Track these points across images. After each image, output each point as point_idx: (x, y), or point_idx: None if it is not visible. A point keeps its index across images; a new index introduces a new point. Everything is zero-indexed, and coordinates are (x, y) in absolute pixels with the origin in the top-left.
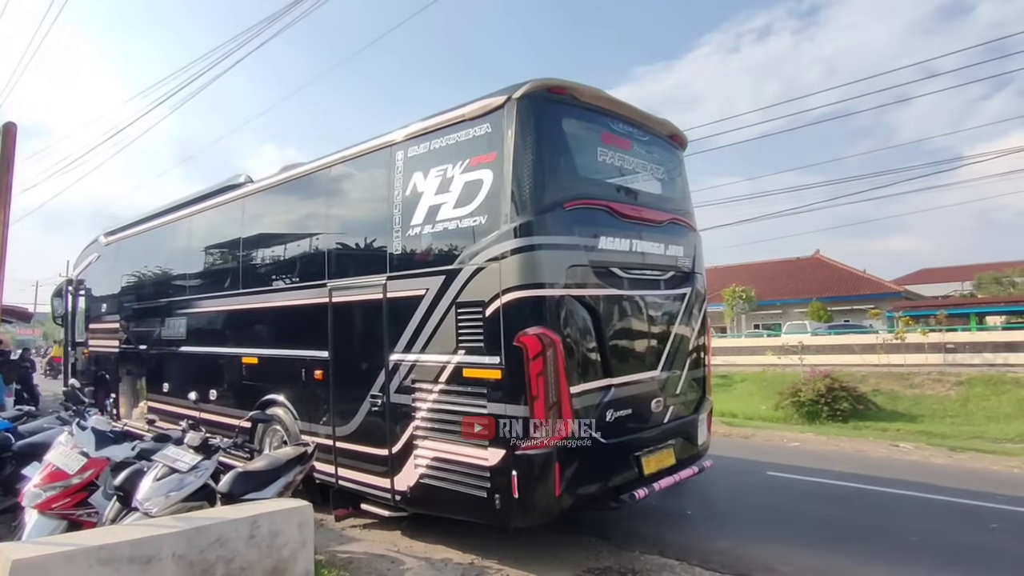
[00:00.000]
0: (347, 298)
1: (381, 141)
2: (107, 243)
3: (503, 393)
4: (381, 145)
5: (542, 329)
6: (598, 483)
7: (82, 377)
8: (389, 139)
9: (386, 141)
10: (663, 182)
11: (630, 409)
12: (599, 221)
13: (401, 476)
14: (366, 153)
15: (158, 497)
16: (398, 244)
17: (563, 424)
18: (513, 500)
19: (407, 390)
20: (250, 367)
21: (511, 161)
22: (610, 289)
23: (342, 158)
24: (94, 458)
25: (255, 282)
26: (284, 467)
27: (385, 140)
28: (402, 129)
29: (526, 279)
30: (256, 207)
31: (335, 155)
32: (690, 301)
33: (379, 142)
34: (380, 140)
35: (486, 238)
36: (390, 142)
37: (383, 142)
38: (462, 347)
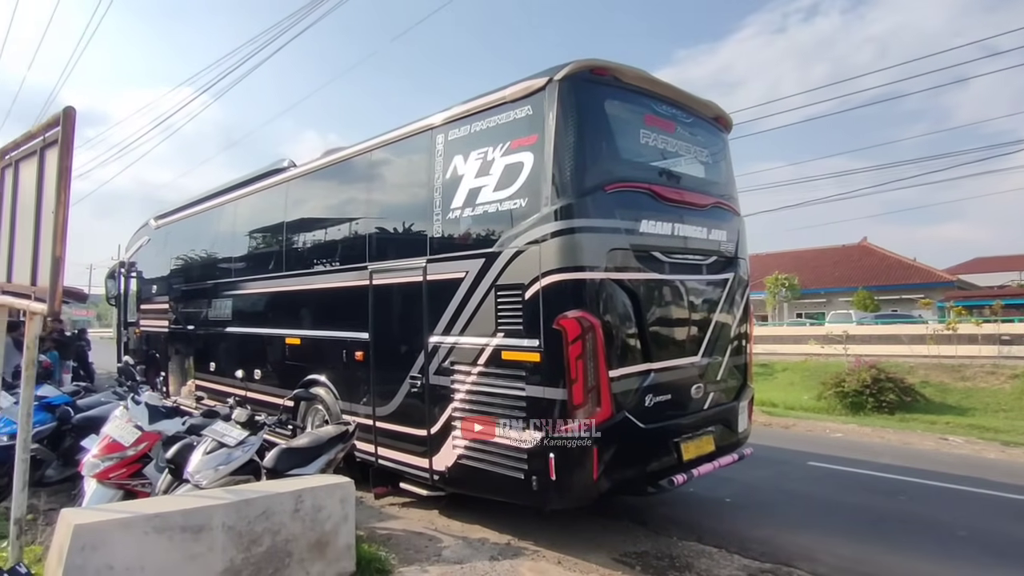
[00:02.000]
0: (387, 280)
1: (421, 125)
2: (157, 226)
3: (542, 376)
4: (421, 129)
5: (581, 312)
6: (636, 468)
7: (133, 356)
8: (429, 122)
9: (426, 124)
10: (707, 165)
11: (670, 395)
12: (641, 204)
13: (439, 456)
14: (406, 137)
15: (208, 470)
16: (438, 227)
17: (602, 408)
18: (550, 482)
19: (446, 372)
20: (293, 347)
21: (552, 143)
22: (651, 273)
23: (382, 142)
24: (148, 432)
25: (298, 264)
26: (326, 445)
27: (425, 124)
28: (442, 112)
29: (566, 262)
30: (299, 191)
31: (376, 139)
32: (732, 287)
33: (419, 126)
34: (420, 124)
35: (526, 221)
36: (430, 125)
37: (423, 126)
38: (501, 330)
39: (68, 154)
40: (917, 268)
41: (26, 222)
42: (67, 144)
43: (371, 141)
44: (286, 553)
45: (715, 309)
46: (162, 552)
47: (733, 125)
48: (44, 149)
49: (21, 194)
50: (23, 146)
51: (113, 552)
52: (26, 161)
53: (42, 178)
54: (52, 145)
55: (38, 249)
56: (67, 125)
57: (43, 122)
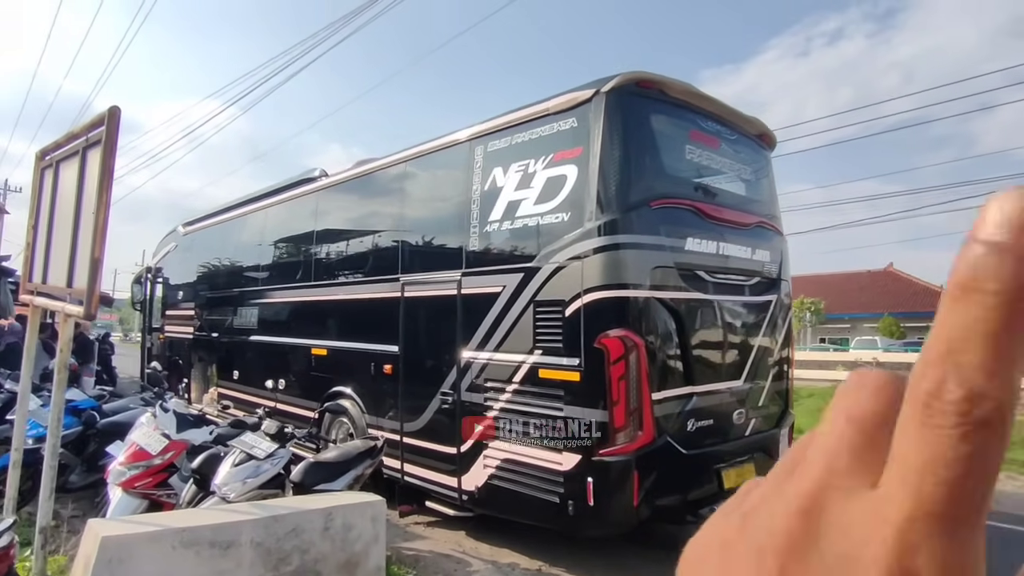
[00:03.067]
0: (420, 293)
1: (460, 136)
2: (185, 233)
3: (581, 396)
4: (460, 140)
5: (625, 331)
6: (677, 495)
7: (157, 361)
8: (468, 133)
9: (465, 136)
10: (750, 183)
11: (711, 419)
12: (685, 221)
13: (469, 476)
14: (444, 148)
15: (235, 483)
16: (475, 240)
17: (643, 431)
18: (588, 508)
19: (479, 388)
20: (319, 358)
21: (598, 157)
22: (695, 292)
23: (418, 153)
24: (175, 440)
25: (326, 274)
26: (355, 460)
27: (464, 135)
28: (482, 124)
29: (610, 279)
30: (330, 201)
31: (411, 150)
32: (775, 309)
33: (458, 136)
34: (459, 135)
35: (568, 236)
36: (469, 136)
37: (462, 137)
38: (539, 347)
39: (112, 154)
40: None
41: (64, 223)
42: (111, 144)
43: (406, 152)
44: (315, 573)
45: (757, 332)
46: (190, 567)
47: (777, 143)
48: (87, 149)
49: (61, 195)
50: (65, 147)
51: (140, 566)
52: (67, 162)
53: (83, 178)
54: (95, 145)
55: (75, 251)
56: (111, 125)
57: (86, 122)
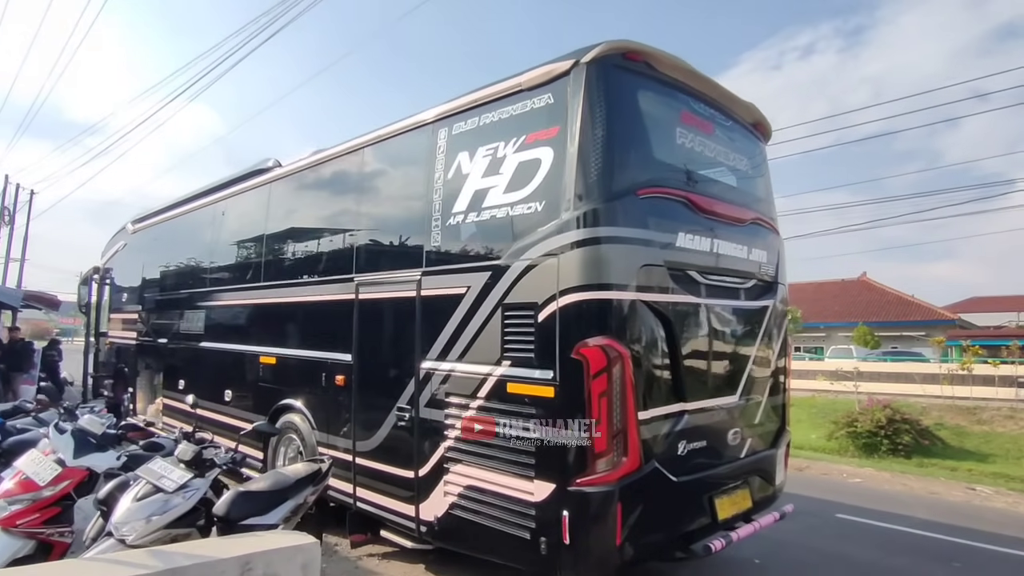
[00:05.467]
0: (375, 295)
1: (421, 118)
2: (133, 231)
3: (556, 415)
4: (421, 123)
5: (607, 340)
6: (666, 530)
7: (103, 368)
8: (430, 115)
9: (426, 118)
10: (745, 176)
11: (704, 441)
12: (676, 214)
13: (428, 504)
14: (403, 132)
15: (137, 521)
16: (436, 235)
17: (628, 457)
18: (563, 546)
19: (439, 404)
20: (267, 367)
21: (577, 137)
22: (686, 296)
23: (375, 138)
24: (71, 467)
25: (277, 275)
26: (293, 487)
27: (425, 116)
28: (446, 104)
29: (590, 278)
30: (282, 194)
31: (368, 135)
32: (772, 315)
33: (418, 119)
34: (419, 117)
35: (542, 228)
36: (431, 118)
37: (423, 119)
38: (508, 357)
39: None
40: (917, 305)
41: None
42: None
43: (363, 137)
44: None
45: (754, 340)
46: None
47: (772, 135)
48: None
49: None
50: None
51: None
52: None
53: None
54: None
55: None
56: None
57: None
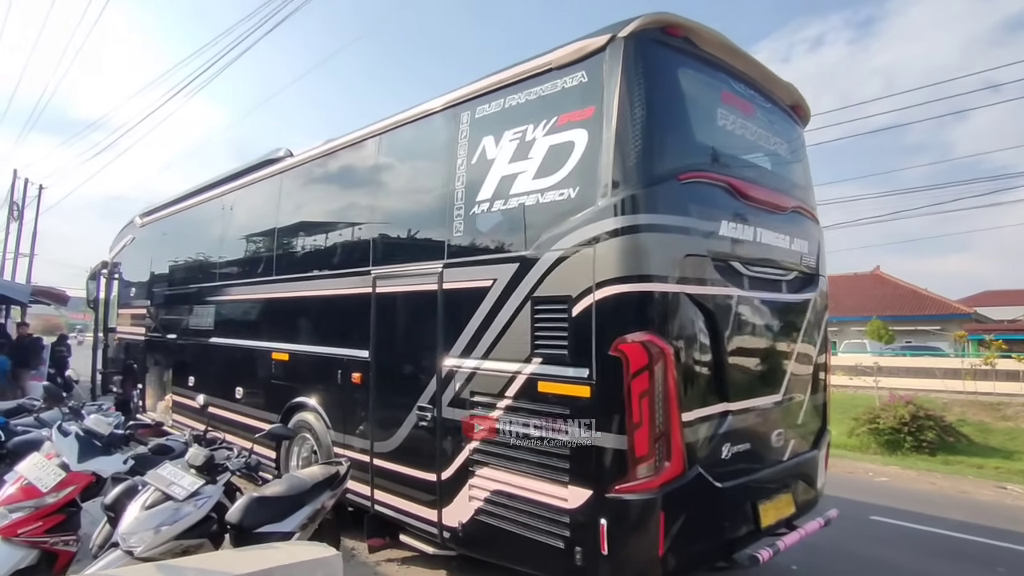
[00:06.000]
0: (394, 288)
1: (442, 101)
2: (142, 224)
3: (592, 416)
4: (442, 106)
5: (649, 335)
6: (711, 539)
7: (112, 364)
8: (452, 97)
9: (448, 100)
10: (785, 161)
11: (748, 443)
12: (718, 201)
13: (451, 509)
14: (423, 117)
15: (145, 532)
16: (459, 224)
17: (672, 462)
18: (600, 557)
19: (463, 404)
20: (280, 364)
21: (614, 118)
22: (731, 288)
23: (393, 123)
24: (75, 472)
25: (290, 268)
26: (310, 492)
27: (447, 99)
28: (469, 85)
29: (629, 269)
30: (295, 183)
31: (385, 120)
32: (814, 309)
33: (440, 102)
34: (441, 100)
35: (576, 216)
36: (453, 101)
37: (444, 102)
38: (538, 354)
39: None
40: (932, 299)
41: None
42: None
43: (379, 124)
44: None
45: (796, 335)
46: None
47: (811, 118)
48: None
49: None
50: None
51: None
52: None
53: None
54: None
55: None
56: None
57: None
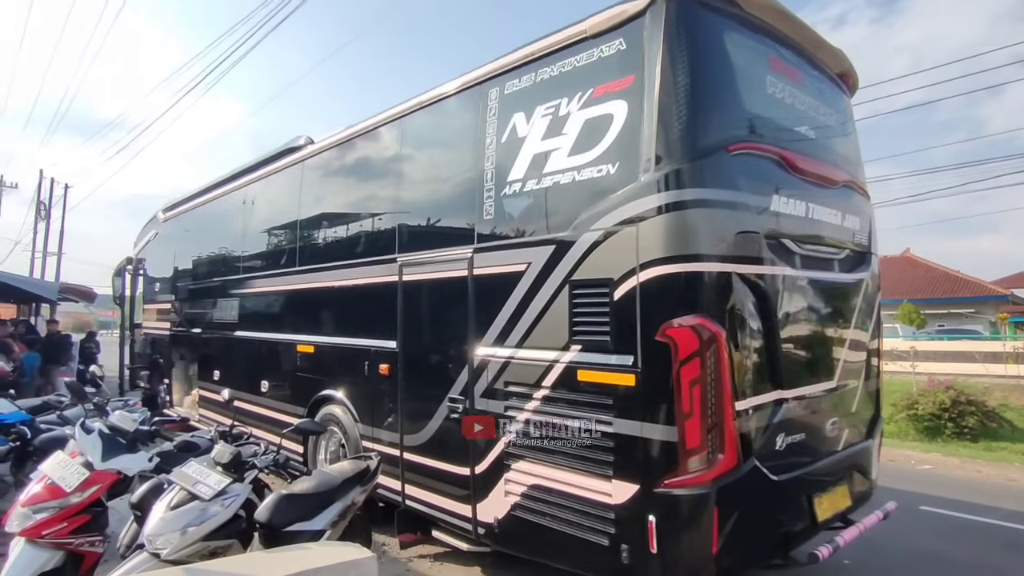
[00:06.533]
0: (421, 276)
1: (469, 78)
2: (164, 219)
3: (638, 406)
4: (469, 83)
5: (699, 319)
6: (767, 535)
7: (139, 360)
8: (479, 74)
9: (475, 77)
10: (834, 133)
11: (803, 433)
12: (768, 175)
13: (486, 504)
14: (448, 96)
15: (172, 533)
16: (489, 207)
17: (725, 454)
18: (649, 555)
19: (497, 395)
20: (305, 357)
21: (657, 86)
22: (784, 267)
23: (416, 105)
24: (99, 470)
25: (312, 258)
26: (340, 488)
27: (474, 76)
28: (496, 60)
29: (677, 248)
30: (316, 171)
31: (409, 102)
32: (867, 289)
33: (465, 79)
34: (466, 77)
35: (617, 194)
36: (480, 77)
37: (471, 79)
38: (578, 341)
39: None
40: (966, 281)
41: None
42: None
43: (402, 106)
44: None
45: (849, 318)
46: None
47: (859, 88)
48: None
49: None
50: None
51: None
52: None
53: None
54: None
55: None
56: None
57: None
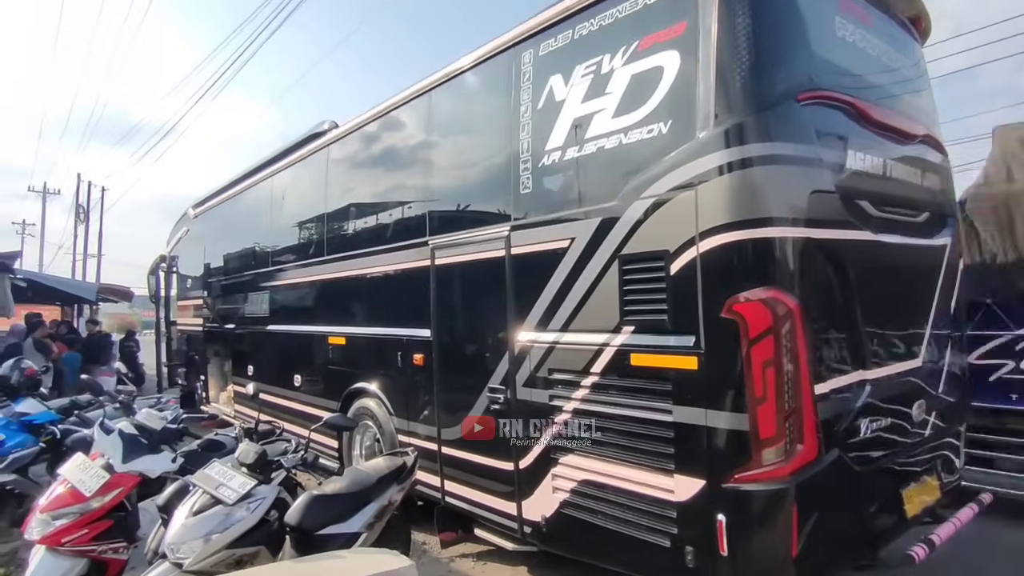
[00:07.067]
0: (455, 259)
1: (498, 43)
2: (195, 215)
3: (702, 392)
4: (498, 48)
5: (772, 291)
6: (852, 534)
7: (176, 357)
8: (510, 36)
9: (505, 40)
10: (908, 82)
11: (889, 418)
12: (842, 127)
13: (533, 501)
14: (476, 64)
15: (194, 541)
16: (527, 180)
17: (805, 444)
18: (719, 558)
19: (542, 383)
20: (336, 349)
21: (714, 30)
22: (862, 232)
23: (443, 77)
24: (121, 473)
25: (340, 246)
26: (376, 487)
27: (504, 39)
28: (529, 20)
29: (744, 212)
30: (342, 155)
31: (434, 75)
32: (950, 257)
33: (495, 44)
34: (496, 42)
35: (671, 156)
36: (512, 40)
37: (501, 43)
38: (630, 322)
39: None
40: None
41: None
42: None
43: (427, 79)
44: None
45: (933, 288)
46: None
47: (931, 33)
48: None
49: None
50: None
51: None
52: None
53: None
54: None
55: None
56: None
57: None
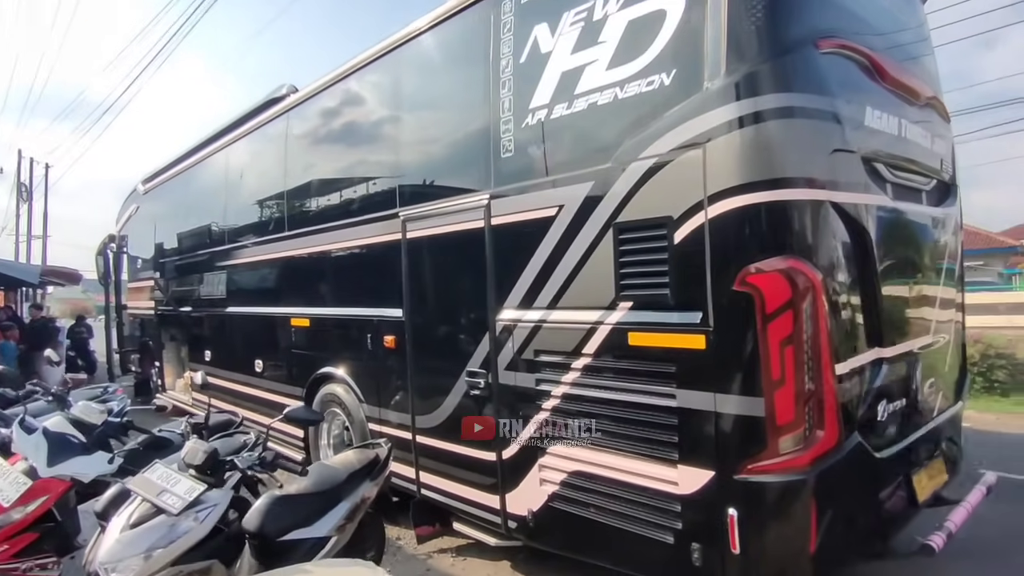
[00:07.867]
0: (429, 231)
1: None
2: (145, 191)
3: (710, 374)
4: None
5: (790, 260)
6: (869, 524)
7: (128, 343)
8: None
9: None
10: (914, 42)
11: (903, 399)
12: (859, 82)
13: (518, 494)
14: (449, 16)
15: (132, 558)
16: (508, 142)
17: (825, 430)
18: (729, 556)
19: (527, 366)
20: (301, 331)
21: None
22: (880, 196)
23: (413, 31)
24: (46, 479)
25: (302, 221)
26: (346, 484)
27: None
28: None
29: (759, 172)
30: (303, 123)
31: (402, 31)
32: (955, 228)
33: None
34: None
35: (674, 110)
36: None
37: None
38: (627, 297)
39: None
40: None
41: None
42: None
43: (395, 36)
44: None
45: (941, 260)
46: None
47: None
48: None
49: None
50: None
51: None
52: None
53: None
54: None
55: None
56: None
57: None
